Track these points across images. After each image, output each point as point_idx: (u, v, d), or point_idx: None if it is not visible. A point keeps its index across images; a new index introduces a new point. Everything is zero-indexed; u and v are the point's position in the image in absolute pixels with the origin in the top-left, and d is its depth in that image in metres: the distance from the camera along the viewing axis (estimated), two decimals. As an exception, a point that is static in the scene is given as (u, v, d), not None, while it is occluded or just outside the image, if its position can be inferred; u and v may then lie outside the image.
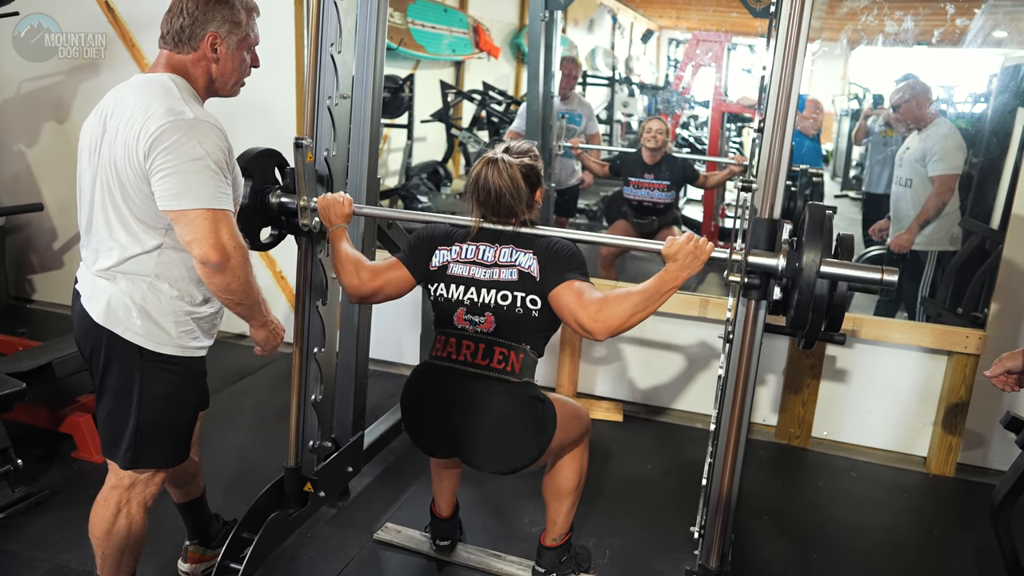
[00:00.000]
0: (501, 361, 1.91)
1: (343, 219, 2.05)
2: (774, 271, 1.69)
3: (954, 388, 3.04)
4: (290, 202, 2.11)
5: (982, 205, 3.43)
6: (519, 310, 1.89)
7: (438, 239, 1.99)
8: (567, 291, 1.82)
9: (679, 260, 1.75)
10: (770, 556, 2.52)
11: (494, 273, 1.91)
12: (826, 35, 4.36)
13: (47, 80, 4.15)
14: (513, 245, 1.91)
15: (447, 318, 1.97)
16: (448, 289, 1.95)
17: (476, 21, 5.83)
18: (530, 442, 1.92)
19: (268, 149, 2.12)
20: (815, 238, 1.63)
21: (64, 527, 2.40)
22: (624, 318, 1.75)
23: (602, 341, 1.82)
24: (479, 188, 1.91)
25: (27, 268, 4.56)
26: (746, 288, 1.74)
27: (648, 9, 6.77)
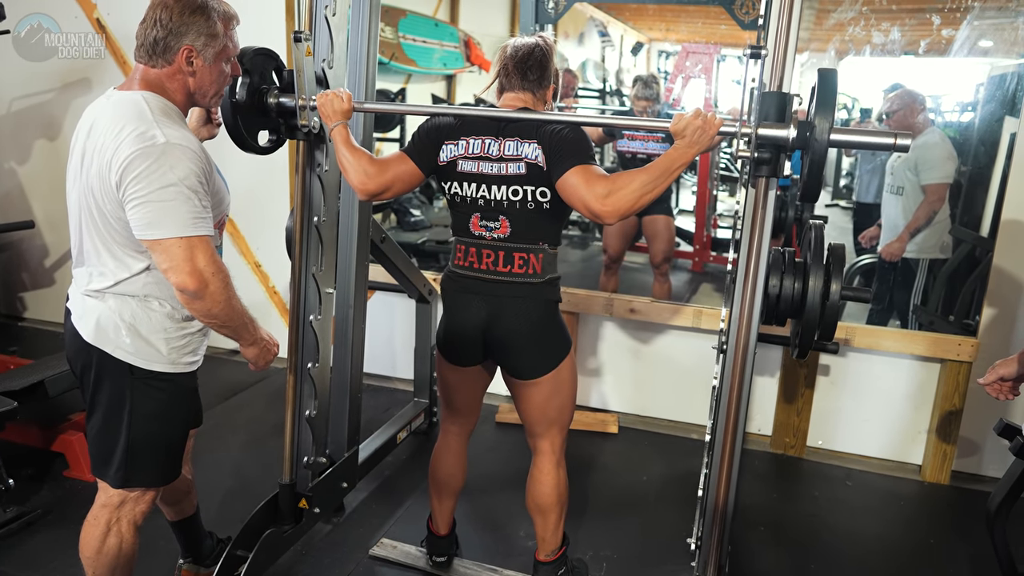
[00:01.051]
0: (522, 265, 1.93)
1: (343, 115, 1.98)
2: (785, 142, 1.65)
3: (947, 396, 3.05)
4: (288, 101, 2.08)
5: (971, 213, 3.45)
6: (531, 205, 1.89)
7: (443, 132, 1.95)
8: (574, 176, 1.79)
9: (687, 136, 1.70)
10: (767, 566, 2.51)
11: (502, 168, 1.88)
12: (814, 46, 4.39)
13: (38, 98, 4.15)
14: (518, 137, 1.88)
15: (463, 224, 1.97)
16: (462, 187, 1.94)
17: (467, 35, 5.86)
18: (547, 345, 2.00)
19: (265, 48, 2.07)
20: (825, 106, 1.59)
21: (56, 547, 2.38)
22: (634, 199, 1.71)
23: (612, 224, 1.79)
24: (509, 50, 1.92)
25: (18, 286, 4.53)
26: (756, 163, 1.70)
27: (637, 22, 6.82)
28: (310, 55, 2.08)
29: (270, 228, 3.65)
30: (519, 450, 2.19)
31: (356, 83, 2.35)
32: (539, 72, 1.92)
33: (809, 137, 1.60)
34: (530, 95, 1.93)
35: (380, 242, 2.68)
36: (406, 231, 4.86)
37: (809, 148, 1.61)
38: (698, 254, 5.06)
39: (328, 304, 2.36)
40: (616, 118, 1.76)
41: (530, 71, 1.91)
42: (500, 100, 1.97)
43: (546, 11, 3.93)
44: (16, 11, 3.84)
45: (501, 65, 1.94)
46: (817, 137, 1.58)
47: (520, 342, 1.97)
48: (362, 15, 2.31)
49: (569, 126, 1.87)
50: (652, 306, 3.34)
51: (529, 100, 1.93)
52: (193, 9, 1.64)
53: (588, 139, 1.89)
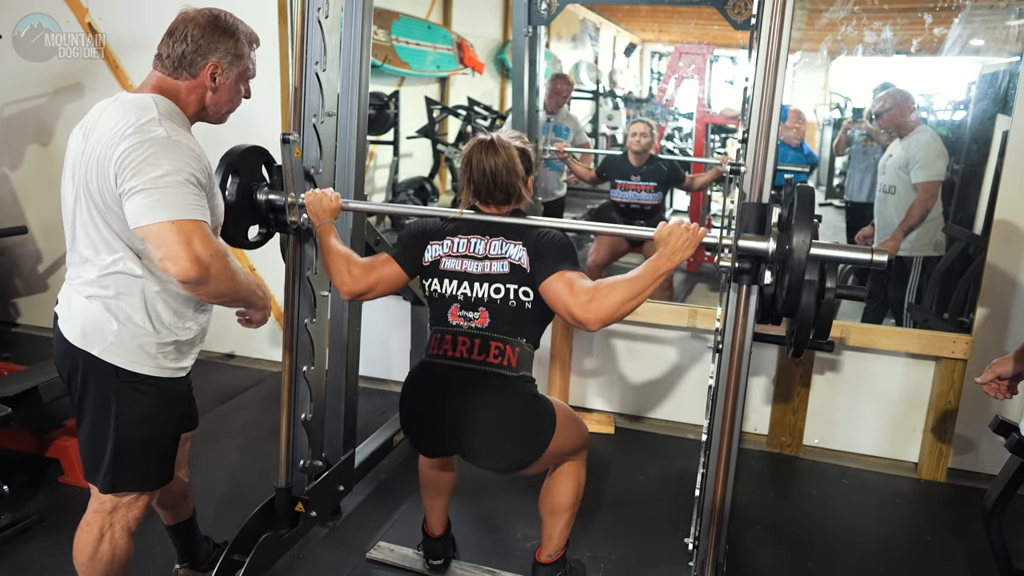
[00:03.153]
0: (497, 356, 1.89)
1: (331, 214, 2.02)
2: (764, 255, 1.69)
3: (943, 393, 3.05)
4: (278, 199, 2.10)
5: (964, 211, 3.47)
6: (512, 303, 1.89)
7: (430, 233, 1.97)
8: (558, 282, 1.81)
9: (671, 244, 1.73)
10: (764, 565, 2.51)
11: (486, 266, 1.90)
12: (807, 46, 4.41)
13: (30, 103, 4.14)
14: (503, 237, 1.90)
15: (442, 315, 1.96)
16: (442, 284, 1.94)
17: (460, 37, 5.86)
18: (528, 439, 1.91)
19: (255, 146, 2.10)
20: (804, 220, 1.62)
21: (51, 553, 2.37)
22: (616, 307, 1.73)
23: (595, 332, 1.81)
24: (473, 168, 1.89)
25: (11, 291, 4.51)
26: (736, 272, 1.73)
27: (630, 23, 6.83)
28: (299, 156, 2.10)
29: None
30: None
31: (349, 87, 2.34)
32: (510, 186, 1.91)
33: (788, 251, 1.62)
34: (511, 205, 1.94)
35: (375, 244, 2.67)
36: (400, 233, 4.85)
37: (788, 262, 1.63)
38: (693, 256, 5.06)
39: (323, 307, 2.35)
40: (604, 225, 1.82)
41: (499, 190, 1.91)
42: (482, 207, 1.96)
43: (539, 13, 3.94)
44: (16, 11, 3.84)
45: (470, 183, 1.93)
46: (795, 253, 1.60)
47: (494, 439, 1.92)
48: (355, 18, 2.31)
49: (555, 230, 1.91)
50: (647, 307, 3.32)
51: (507, 207, 1.94)
52: (224, 29, 1.71)
53: (572, 244, 1.92)
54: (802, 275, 1.62)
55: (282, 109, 3.66)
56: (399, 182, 5.44)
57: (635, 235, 1.92)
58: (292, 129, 2.13)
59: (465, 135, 5.80)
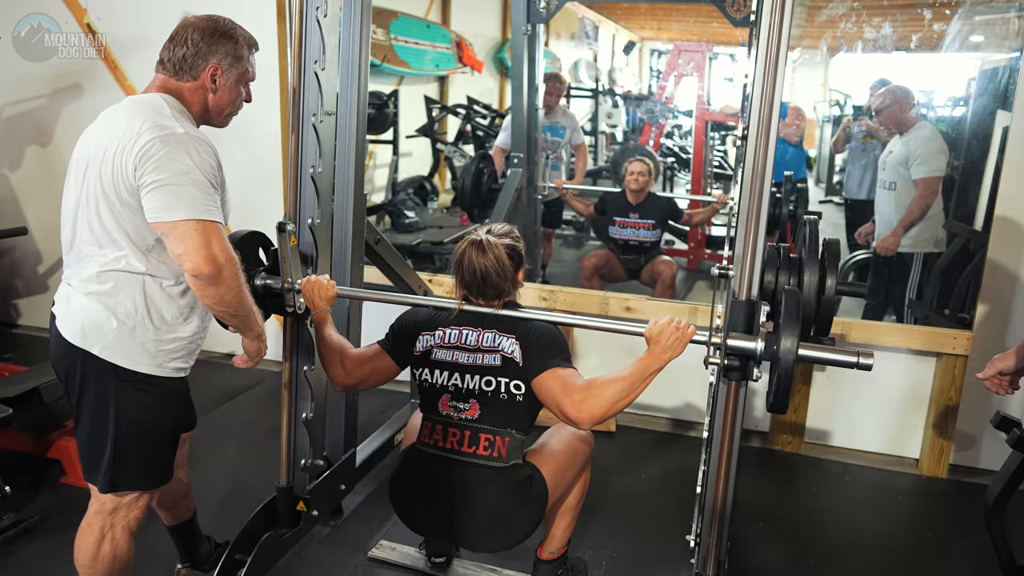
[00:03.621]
0: (487, 448, 1.91)
1: (327, 301, 2.07)
2: (753, 354, 1.70)
3: (944, 389, 3.05)
4: (274, 284, 2.12)
5: (965, 207, 3.46)
6: (503, 396, 1.90)
7: (421, 325, 1.99)
8: (551, 379, 1.83)
9: (661, 342, 1.77)
10: (766, 562, 2.51)
11: (477, 358, 1.91)
12: (806, 43, 4.41)
13: (29, 104, 4.13)
14: (496, 329, 1.92)
15: (432, 403, 1.98)
16: (432, 374, 1.96)
17: (459, 36, 5.86)
18: (521, 522, 1.94)
19: (252, 232, 2.14)
20: (791, 322, 1.63)
21: (53, 554, 2.37)
22: (607, 406, 1.75)
23: (586, 430, 1.87)
24: (464, 269, 1.92)
25: (12, 292, 4.51)
26: (726, 370, 1.76)
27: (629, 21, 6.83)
28: (295, 243, 2.12)
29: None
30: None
31: (348, 86, 2.34)
32: (499, 285, 1.92)
33: (776, 351, 1.63)
34: (500, 300, 1.95)
35: (375, 244, 2.67)
36: (400, 233, 4.86)
37: (776, 362, 1.64)
38: (693, 252, 5.07)
39: (323, 306, 2.35)
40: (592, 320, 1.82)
41: (489, 289, 1.92)
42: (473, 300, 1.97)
43: (537, 11, 3.94)
44: (16, 11, 3.83)
45: (461, 283, 1.94)
46: (782, 355, 1.62)
47: (487, 531, 1.94)
48: (353, 17, 2.31)
49: (548, 324, 1.93)
50: (648, 304, 3.34)
51: (498, 302, 1.95)
52: (223, 33, 1.75)
53: (564, 339, 1.94)
54: (790, 379, 1.65)
55: (281, 108, 3.66)
56: (398, 181, 5.44)
57: (626, 332, 1.95)
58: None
59: (464, 134, 5.80)
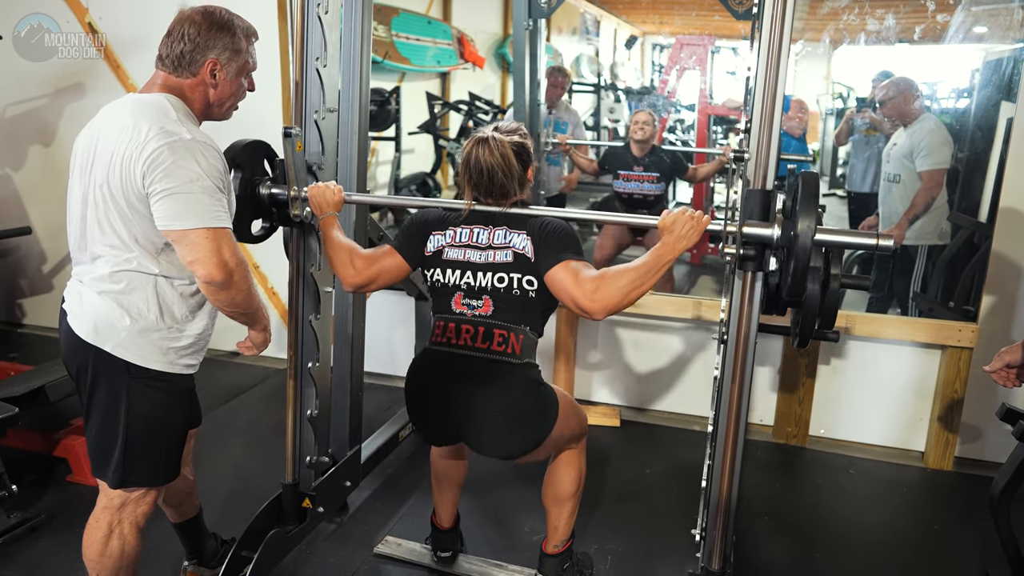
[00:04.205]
0: (501, 343, 1.89)
1: (334, 206, 2.03)
2: (769, 241, 1.68)
3: (949, 382, 3.05)
4: (280, 192, 2.10)
5: (969, 199, 3.45)
6: (516, 292, 1.89)
7: (432, 224, 1.97)
8: (563, 271, 1.80)
9: (675, 232, 1.73)
10: (772, 556, 2.52)
11: (489, 255, 1.89)
12: (808, 35, 4.39)
13: (32, 104, 4.14)
14: (506, 226, 1.90)
15: (445, 303, 1.96)
16: (444, 274, 1.94)
17: (460, 32, 5.85)
18: (531, 426, 1.91)
19: (257, 140, 2.10)
20: (809, 206, 1.61)
21: (60, 552, 2.38)
22: (621, 295, 1.73)
23: (600, 320, 1.81)
24: (471, 168, 1.89)
25: (17, 292, 4.53)
26: (741, 260, 1.73)
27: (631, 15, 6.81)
28: (301, 149, 2.10)
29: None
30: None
31: (350, 83, 2.34)
32: (506, 185, 1.89)
33: (793, 237, 1.62)
34: (510, 199, 1.93)
35: (378, 239, 2.68)
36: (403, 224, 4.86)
37: (793, 248, 1.62)
38: (696, 246, 5.05)
39: (327, 303, 2.36)
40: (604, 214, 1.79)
41: (496, 188, 1.90)
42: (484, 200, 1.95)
43: (539, 6, 3.92)
44: (17, 12, 3.83)
45: (469, 182, 1.92)
46: (800, 239, 1.60)
47: (498, 426, 1.91)
48: (355, 13, 2.30)
49: (558, 219, 1.90)
50: (652, 299, 3.34)
51: (506, 200, 1.93)
52: (220, 26, 1.72)
53: (576, 233, 1.92)
54: (807, 262, 1.62)
55: (283, 105, 3.66)
56: (401, 178, 5.44)
57: (639, 223, 1.91)
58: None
59: (467, 130, 5.79)
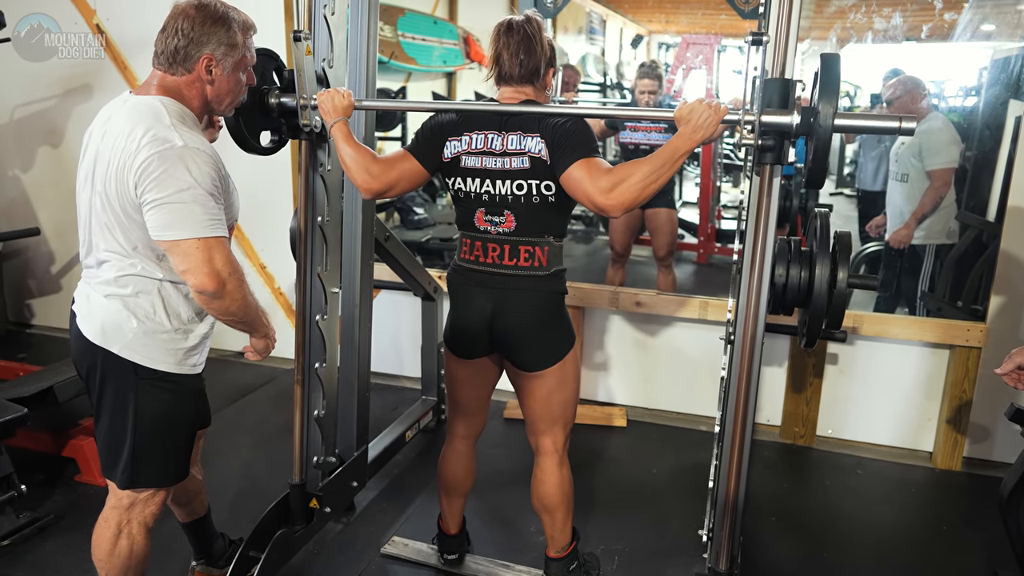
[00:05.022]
0: (528, 259, 1.92)
1: (344, 111, 1.98)
2: (789, 129, 1.65)
3: (957, 382, 3.03)
4: (289, 101, 2.09)
5: (977, 198, 3.43)
6: (535, 198, 1.88)
7: (447, 129, 1.94)
8: (578, 170, 1.78)
9: (692, 121, 1.69)
10: (779, 557, 2.51)
11: (505, 162, 1.88)
12: (815, 34, 4.37)
13: (40, 105, 4.16)
14: (520, 131, 1.87)
15: (468, 218, 1.97)
16: (465, 183, 1.93)
17: (466, 31, 5.85)
18: (550, 335, 1.98)
19: (264, 48, 2.07)
20: (829, 91, 1.59)
21: (69, 552, 2.39)
22: (638, 190, 1.70)
23: (618, 216, 1.80)
24: (500, 34, 1.88)
25: (25, 293, 4.55)
26: (760, 150, 1.70)
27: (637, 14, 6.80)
28: (310, 54, 2.07)
29: (274, 229, 3.65)
30: (526, 446, 2.19)
31: (356, 82, 2.34)
32: (536, 58, 1.88)
33: (813, 123, 1.59)
34: (530, 86, 1.91)
35: (384, 240, 2.68)
36: (410, 229, 4.86)
37: (813, 134, 1.60)
38: (703, 246, 5.05)
39: (334, 304, 2.36)
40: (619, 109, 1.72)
41: (525, 63, 1.88)
42: (500, 93, 1.95)
43: (544, 5, 3.92)
44: (16, 12, 3.85)
45: (495, 53, 1.91)
46: (821, 122, 1.58)
47: (526, 334, 1.97)
48: (361, 14, 2.30)
49: (572, 119, 1.85)
50: (658, 299, 3.34)
51: (530, 92, 1.91)
52: (215, 19, 1.67)
53: (591, 131, 1.88)
54: (828, 146, 1.59)
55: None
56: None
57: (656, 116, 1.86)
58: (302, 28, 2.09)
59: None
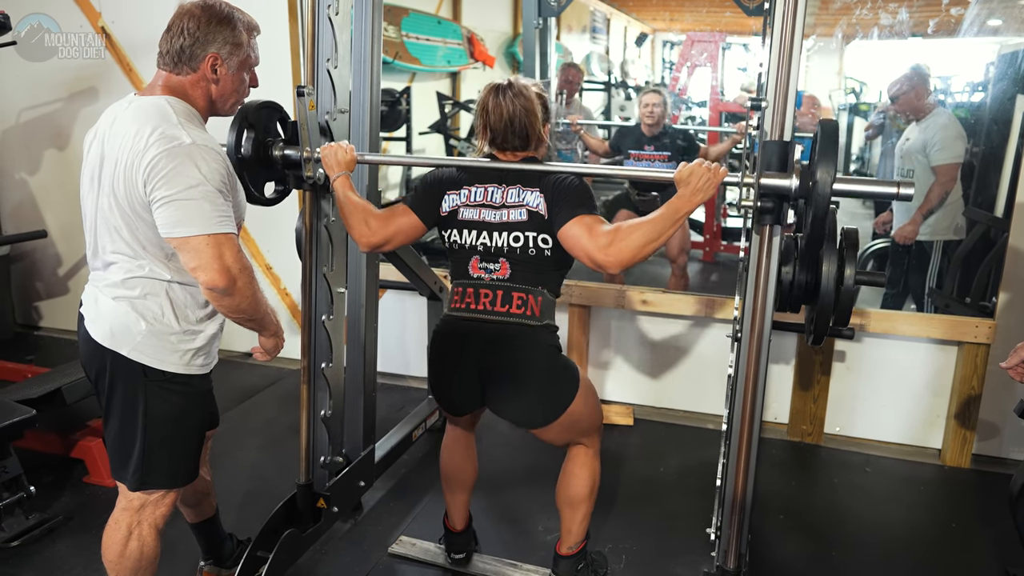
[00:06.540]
0: (520, 306, 1.89)
1: (347, 166, 2.01)
2: (787, 192, 1.66)
3: (966, 378, 3.02)
4: (293, 154, 2.10)
5: (985, 194, 3.42)
6: (532, 251, 1.88)
7: (446, 183, 1.96)
8: (576, 227, 1.79)
9: (692, 183, 1.70)
10: (787, 555, 2.50)
11: (503, 214, 1.88)
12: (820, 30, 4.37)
13: (46, 108, 4.18)
14: (520, 184, 1.88)
15: (462, 268, 1.96)
16: (461, 234, 1.93)
17: (470, 31, 5.85)
18: (551, 391, 1.92)
19: (269, 101, 2.09)
20: (827, 156, 1.59)
21: (78, 552, 2.40)
22: (636, 248, 1.71)
23: (615, 274, 1.80)
24: (489, 115, 1.88)
25: (33, 295, 4.57)
26: (760, 212, 1.71)
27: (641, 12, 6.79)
28: (313, 108, 2.09)
29: (279, 230, 3.66)
30: (534, 444, 2.19)
31: (361, 83, 2.34)
32: (527, 130, 1.89)
33: (812, 188, 1.60)
34: (523, 150, 1.93)
35: (390, 240, 2.67)
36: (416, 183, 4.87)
37: (811, 199, 1.60)
38: (709, 244, 5.04)
39: (340, 304, 2.36)
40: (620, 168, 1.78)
41: (516, 135, 1.89)
42: (498, 154, 1.95)
43: (548, 4, 3.92)
44: (17, 12, 3.87)
45: (486, 129, 1.91)
46: (820, 189, 1.58)
47: (520, 390, 1.92)
48: (365, 14, 2.31)
49: (572, 175, 1.88)
50: (665, 297, 3.33)
51: (523, 153, 1.93)
52: (220, 19, 1.69)
53: (589, 188, 1.90)
54: (826, 210, 1.59)
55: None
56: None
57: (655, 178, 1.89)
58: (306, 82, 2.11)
59: (477, 129, 5.78)
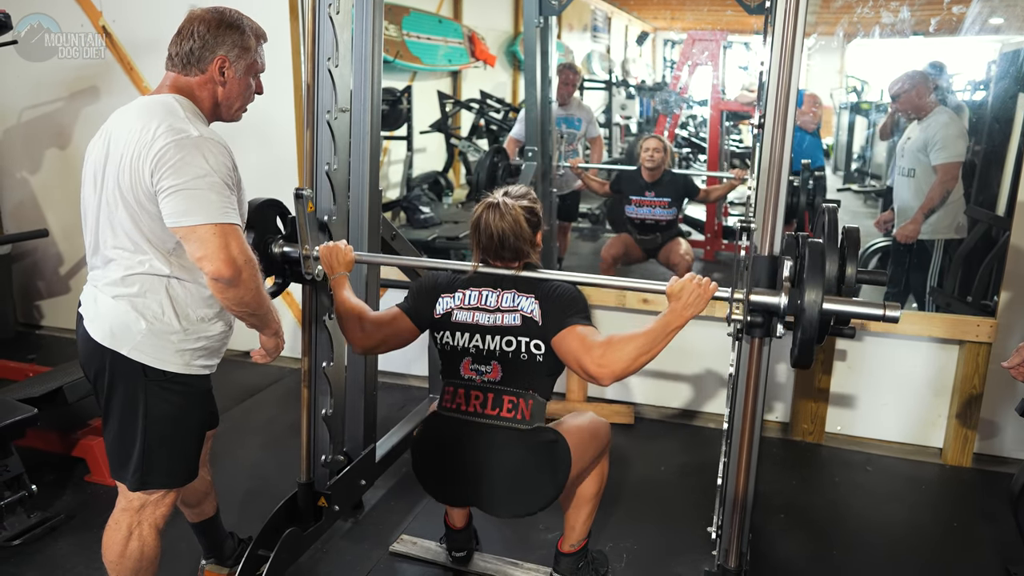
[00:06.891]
0: (511, 410, 1.92)
1: (345, 266, 2.07)
2: (776, 309, 1.69)
3: (967, 377, 3.01)
4: (292, 251, 2.12)
5: (986, 192, 3.42)
6: (524, 356, 1.90)
7: (441, 287, 2.00)
8: (570, 336, 1.82)
9: (683, 299, 1.75)
10: (789, 554, 2.50)
11: (497, 318, 1.91)
12: (822, 29, 4.37)
13: (48, 107, 4.18)
14: (515, 290, 1.92)
15: (454, 367, 1.98)
16: (454, 337, 1.96)
17: (471, 30, 5.86)
18: (547, 485, 1.93)
19: (269, 199, 2.13)
20: (816, 275, 1.62)
21: (79, 551, 2.40)
22: (628, 362, 1.74)
23: (607, 387, 1.84)
24: (481, 232, 1.92)
25: (34, 294, 4.57)
26: (749, 327, 1.74)
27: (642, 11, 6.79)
28: (312, 210, 2.12)
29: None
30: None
31: (362, 82, 2.34)
32: (518, 248, 1.92)
33: (800, 306, 1.61)
34: (517, 261, 1.95)
35: (391, 239, 2.68)
36: (416, 228, 4.87)
37: (800, 317, 1.62)
38: (710, 242, 5.04)
39: (341, 303, 2.36)
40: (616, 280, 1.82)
41: (507, 251, 1.92)
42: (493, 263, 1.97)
43: (549, 3, 3.91)
44: (17, 12, 3.87)
45: (478, 245, 1.95)
46: (807, 308, 1.60)
47: (509, 492, 1.94)
48: (365, 13, 2.30)
49: (567, 283, 1.91)
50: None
51: (517, 264, 1.95)
52: (229, 24, 1.74)
53: (584, 297, 1.92)
54: (815, 334, 1.63)
55: (295, 106, 3.67)
56: (413, 177, 5.45)
57: (647, 290, 1.94)
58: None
59: (478, 128, 5.80)
